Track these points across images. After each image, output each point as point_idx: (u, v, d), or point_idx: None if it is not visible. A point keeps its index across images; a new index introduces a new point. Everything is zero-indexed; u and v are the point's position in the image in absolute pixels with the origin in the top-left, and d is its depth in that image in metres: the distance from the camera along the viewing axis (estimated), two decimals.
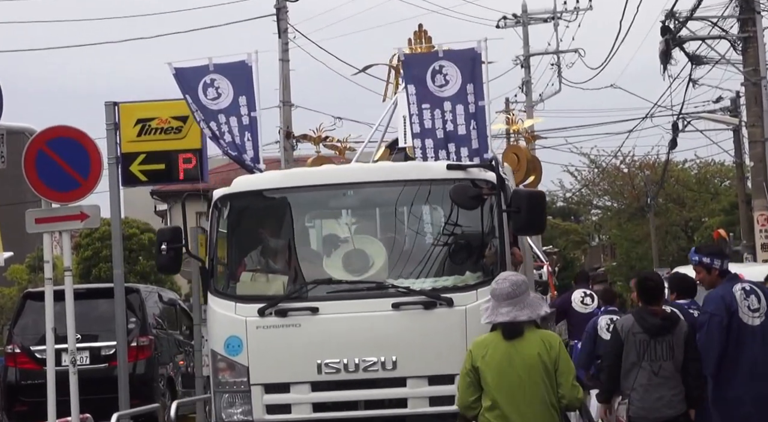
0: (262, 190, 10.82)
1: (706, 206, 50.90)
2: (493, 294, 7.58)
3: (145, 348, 17.16)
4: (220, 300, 10.48)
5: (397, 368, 10.08)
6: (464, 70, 11.69)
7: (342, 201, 10.77)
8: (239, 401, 10.28)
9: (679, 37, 26.13)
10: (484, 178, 10.37)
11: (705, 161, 53.04)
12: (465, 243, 10.47)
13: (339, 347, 10.11)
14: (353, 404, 10.15)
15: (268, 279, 10.71)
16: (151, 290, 19.47)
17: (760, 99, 25.17)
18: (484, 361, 7.46)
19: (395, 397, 10.12)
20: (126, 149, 15.49)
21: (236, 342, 10.26)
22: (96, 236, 34.94)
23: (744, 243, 32.13)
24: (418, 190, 10.55)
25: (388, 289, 10.20)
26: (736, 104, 34.83)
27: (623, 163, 53.31)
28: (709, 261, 9.54)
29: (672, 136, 33.45)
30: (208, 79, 12.26)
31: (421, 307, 10.07)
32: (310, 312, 10.15)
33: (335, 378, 10.11)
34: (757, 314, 9.33)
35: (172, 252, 10.72)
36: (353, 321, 10.13)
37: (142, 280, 32.05)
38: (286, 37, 36.71)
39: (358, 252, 10.51)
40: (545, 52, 45.34)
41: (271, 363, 10.22)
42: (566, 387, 7.40)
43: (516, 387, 7.36)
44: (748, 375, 9.28)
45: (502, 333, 7.47)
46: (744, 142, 32.95)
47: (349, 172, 10.91)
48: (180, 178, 15.75)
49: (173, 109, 15.65)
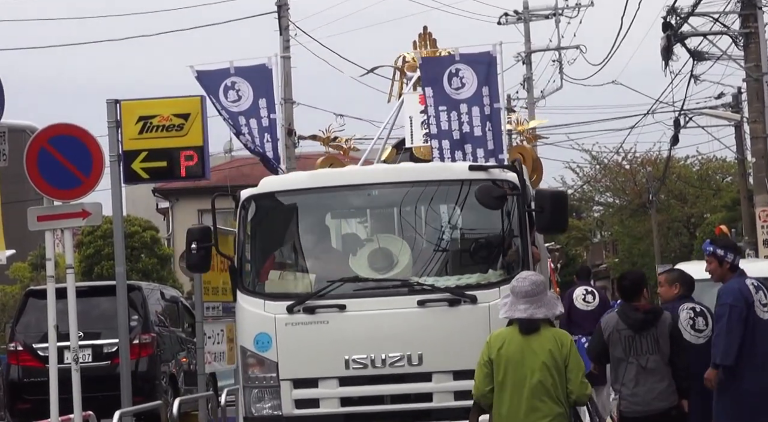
0: (289, 190, 11.05)
1: (708, 202, 50.90)
2: (513, 291, 8.00)
3: (147, 345, 17.17)
4: (249, 297, 10.76)
5: (423, 363, 10.36)
6: (480, 73, 12.05)
7: (367, 201, 11.02)
8: (268, 396, 10.54)
9: (681, 33, 26.13)
10: (506, 178, 10.64)
11: (707, 157, 53.11)
12: (487, 242, 10.81)
13: (366, 343, 10.39)
14: (379, 398, 10.42)
15: (296, 278, 10.96)
16: (153, 288, 19.47)
17: (761, 95, 25.19)
18: (498, 354, 7.89)
19: (421, 392, 10.39)
20: (127, 147, 15.47)
21: (265, 339, 10.55)
22: (98, 234, 34.97)
23: (746, 239, 32.14)
24: (440, 190, 10.82)
25: (414, 287, 10.50)
26: (738, 100, 34.85)
27: (625, 159, 53.34)
28: (723, 254, 9.74)
29: (674, 132, 33.47)
30: (228, 82, 12.62)
31: (445, 304, 10.37)
32: (337, 310, 10.43)
33: (362, 373, 10.40)
34: (766, 309, 9.57)
35: (202, 252, 11.05)
36: (380, 318, 10.41)
37: (144, 278, 32.08)
38: (287, 35, 36.71)
39: (382, 250, 10.76)
40: (547, 48, 45.33)
41: (299, 359, 10.49)
42: (575, 383, 7.78)
43: (526, 380, 7.77)
44: (761, 368, 9.48)
45: (519, 328, 7.90)
46: (746, 138, 32.97)
47: (373, 172, 11.17)
48: (182, 175, 15.73)
49: (175, 106, 15.63)
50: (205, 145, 15.58)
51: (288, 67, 36.91)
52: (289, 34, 36.87)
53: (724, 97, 35.52)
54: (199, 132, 15.46)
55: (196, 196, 49.45)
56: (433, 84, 12.10)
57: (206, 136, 15.54)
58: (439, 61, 12.42)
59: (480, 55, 12.30)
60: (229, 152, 50.88)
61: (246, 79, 12.58)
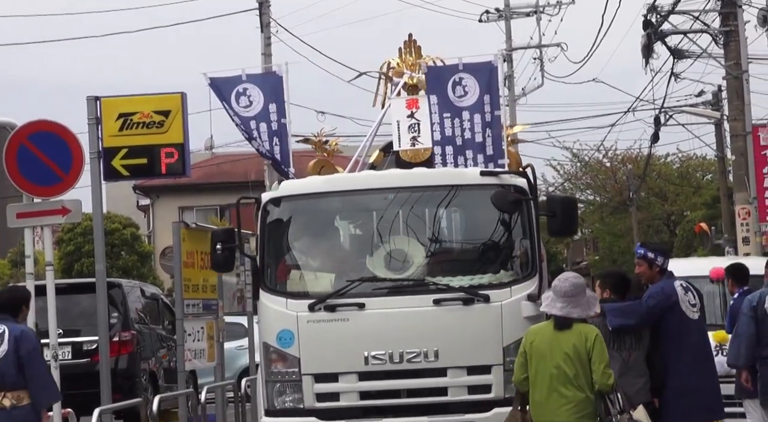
0: (309, 193, 11.52)
1: (688, 200, 51.04)
2: (554, 289, 8.91)
3: (127, 343, 17.14)
4: (272, 296, 11.22)
5: (439, 359, 10.86)
6: (482, 82, 12.65)
7: (383, 204, 11.42)
8: (290, 390, 11.05)
9: (661, 30, 26.19)
10: (516, 183, 11.18)
11: (687, 155, 53.23)
12: (498, 244, 11.35)
13: (384, 340, 10.89)
14: (397, 392, 10.93)
15: (316, 277, 11.43)
16: (134, 285, 19.43)
17: (741, 93, 25.27)
18: (531, 346, 8.89)
19: (436, 386, 10.89)
20: (108, 144, 15.43)
21: (288, 336, 11.02)
22: (78, 231, 34.90)
23: (725, 236, 32.24)
24: (453, 194, 11.34)
25: (429, 286, 11.03)
26: (718, 98, 34.94)
27: (605, 156, 53.44)
28: (653, 257, 10.25)
29: (654, 129, 33.57)
30: (240, 88, 13.10)
31: (460, 303, 10.87)
32: (357, 308, 10.93)
33: (381, 368, 10.88)
34: (695, 309, 10.15)
35: (226, 252, 11.48)
36: (397, 316, 10.92)
37: (124, 275, 32.03)
38: (268, 32, 36.68)
39: (398, 252, 11.23)
40: (528, 46, 45.39)
41: (320, 355, 10.98)
42: (597, 374, 8.61)
43: (554, 372, 8.69)
44: (691, 366, 10.04)
45: (554, 323, 8.84)
46: (726, 135, 33.06)
47: (389, 177, 11.73)
48: (162, 172, 15.69)
49: (155, 103, 15.60)
50: (185, 142, 15.56)
51: (269, 64, 36.89)
52: (270, 31, 36.86)
53: (704, 94, 35.63)
54: (180, 129, 15.44)
55: (176, 193, 49.41)
56: (437, 92, 12.64)
57: (187, 133, 15.51)
58: (443, 69, 12.90)
59: (482, 64, 12.89)
60: (210, 149, 50.82)
61: (257, 85, 13.05)
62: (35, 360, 10.28)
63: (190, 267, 16.55)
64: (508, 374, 10.51)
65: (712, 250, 34.11)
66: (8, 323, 10.29)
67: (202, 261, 17.04)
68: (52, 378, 10.75)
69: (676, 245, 45.76)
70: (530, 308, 10.88)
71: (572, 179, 55.48)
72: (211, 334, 17.11)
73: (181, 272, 16.20)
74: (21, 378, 10.12)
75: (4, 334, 10.20)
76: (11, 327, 10.27)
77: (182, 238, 16.40)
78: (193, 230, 17.09)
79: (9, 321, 10.31)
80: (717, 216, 37.67)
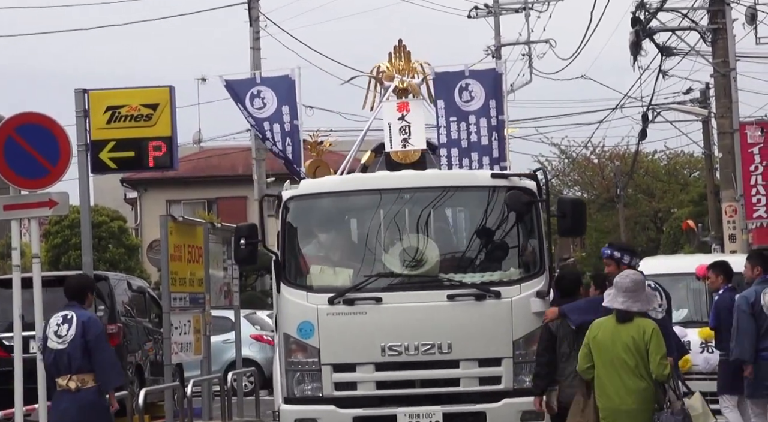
0: (328, 192, 12.16)
1: (675, 197, 51.15)
2: (616, 285, 9.56)
3: (113, 335, 17.09)
4: (292, 289, 11.83)
5: (452, 351, 11.50)
6: (487, 88, 13.32)
7: (398, 203, 12.00)
8: (309, 379, 11.67)
9: (649, 28, 26.21)
10: (525, 185, 11.87)
11: (674, 152, 53.36)
12: (509, 243, 12.01)
13: (400, 332, 11.53)
14: (411, 382, 11.59)
15: (335, 272, 11.99)
16: (120, 278, 19.41)
17: (729, 90, 25.30)
18: (594, 340, 9.53)
19: (449, 377, 11.55)
20: (95, 136, 15.43)
21: (308, 327, 11.63)
22: (65, 223, 34.82)
23: (712, 234, 32.32)
24: (466, 195, 12.12)
25: (443, 282, 11.71)
26: (706, 95, 34.96)
27: (593, 153, 53.56)
28: (620, 256, 10.72)
29: (642, 126, 33.58)
30: (255, 91, 13.60)
31: (472, 299, 11.53)
32: (374, 302, 11.57)
33: (397, 359, 11.52)
34: (660, 309, 10.43)
35: (250, 247, 11.96)
36: (413, 310, 11.56)
37: (111, 268, 31.94)
38: (257, 26, 36.65)
39: (413, 249, 11.84)
40: (516, 42, 45.37)
41: (339, 346, 11.62)
42: (654, 364, 9.30)
43: (615, 360, 9.35)
44: None
45: (616, 317, 9.49)
46: (713, 133, 33.11)
47: (403, 178, 12.26)
48: (150, 165, 15.70)
49: (143, 96, 15.60)
50: (173, 136, 15.55)
51: (258, 58, 36.85)
52: (259, 26, 36.82)
53: (692, 92, 35.65)
54: (168, 122, 15.43)
55: (164, 187, 49.30)
56: (444, 97, 13.31)
57: (175, 126, 15.51)
58: (450, 76, 13.52)
59: (487, 72, 13.66)
60: (198, 143, 50.76)
61: (270, 88, 13.59)
62: (102, 344, 10.87)
63: (177, 261, 16.54)
64: (518, 366, 11.43)
65: (698, 248, 34.19)
66: (76, 309, 10.90)
67: (189, 255, 17.04)
68: (117, 362, 11.27)
69: (663, 242, 45.87)
70: (539, 304, 11.48)
71: (560, 176, 55.58)
72: (198, 328, 17.10)
73: (168, 265, 16.19)
74: (86, 362, 10.66)
75: (72, 320, 10.78)
76: (79, 313, 10.86)
77: (169, 231, 16.40)
78: (181, 223, 17.08)
79: (76, 307, 10.93)
80: (704, 213, 37.74)
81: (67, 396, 10.67)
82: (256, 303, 32.81)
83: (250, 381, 21.96)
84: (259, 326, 25.66)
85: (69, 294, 11.09)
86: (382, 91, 14.23)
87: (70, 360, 10.68)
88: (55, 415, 10.91)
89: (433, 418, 11.50)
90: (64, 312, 10.90)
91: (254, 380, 20.32)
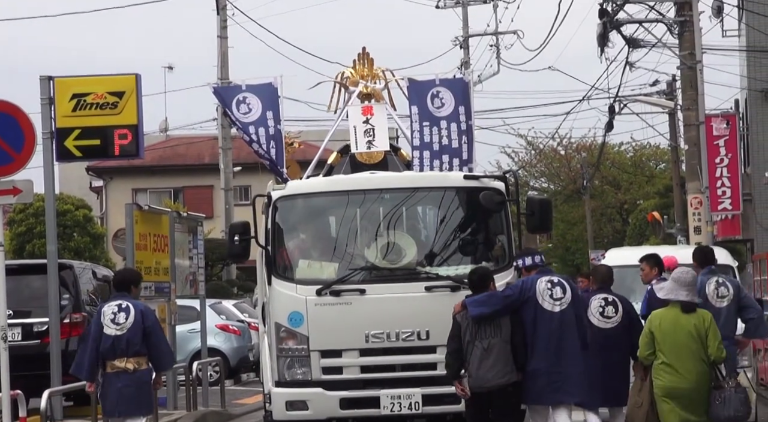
0: (314, 192, 13.26)
1: (641, 189, 51.35)
2: (676, 280, 10.77)
3: (78, 324, 17.01)
4: (283, 282, 12.86)
5: (429, 338, 12.60)
6: (456, 95, 14.27)
7: (379, 203, 13.13)
8: (299, 364, 12.70)
9: (617, 20, 26.24)
10: (495, 186, 13.01)
11: (641, 144, 53.56)
12: (480, 239, 13.31)
13: (382, 321, 12.64)
14: (393, 367, 12.69)
15: (322, 266, 13.01)
16: (85, 267, 19.28)
17: (695, 83, 25.38)
18: (658, 328, 10.69)
19: (427, 362, 12.61)
20: (61, 124, 15.35)
21: (298, 317, 12.68)
22: (30, 212, 34.61)
23: (678, 226, 32.46)
24: (440, 195, 13.20)
25: (421, 275, 12.83)
26: (672, 88, 35.10)
27: (560, 144, 53.69)
28: (515, 263, 11.89)
29: (608, 118, 33.69)
30: (240, 97, 14.30)
31: (448, 290, 12.61)
32: (358, 293, 12.69)
33: (379, 345, 12.66)
34: (558, 303, 11.35)
35: (243, 243, 12.96)
36: (394, 300, 12.66)
37: (76, 257, 31.78)
38: (224, 14, 36.54)
39: (393, 244, 12.94)
40: (484, 33, 45.42)
41: (326, 334, 12.67)
42: (712, 348, 10.62)
43: (679, 346, 10.59)
44: (544, 353, 11.26)
45: (681, 307, 10.68)
46: (679, 125, 33.25)
47: (384, 179, 13.40)
48: (116, 153, 15.64)
49: (109, 84, 15.54)
50: (139, 124, 15.49)
51: (225, 47, 36.74)
52: (226, 14, 36.71)
53: (658, 84, 35.77)
54: (134, 110, 15.38)
55: (130, 175, 49.12)
56: (418, 103, 14.21)
57: (141, 114, 15.45)
58: (422, 85, 14.47)
59: (456, 80, 14.67)
60: (165, 131, 50.59)
61: (255, 94, 14.31)
62: (158, 331, 12.18)
63: (142, 250, 16.48)
64: None
65: (664, 239, 34.34)
66: (128, 299, 11.99)
67: (155, 244, 16.98)
68: (169, 347, 12.41)
69: (629, 234, 46.02)
70: None
71: (527, 167, 55.67)
72: (163, 317, 17.04)
73: (134, 254, 16.13)
74: (143, 347, 11.88)
75: (128, 309, 11.89)
76: (134, 302, 12.01)
77: (135, 220, 16.33)
78: (146, 212, 17.02)
79: (127, 297, 12.01)
80: (669, 205, 37.90)
81: (125, 377, 11.86)
82: (222, 292, 32.75)
83: (215, 371, 21.90)
84: (224, 316, 25.61)
85: (116, 286, 12.24)
86: (347, 95, 15.14)
87: (128, 344, 11.83)
88: (113, 393, 11.97)
89: (412, 399, 12.57)
90: (117, 302, 11.96)
91: (219, 370, 20.25)
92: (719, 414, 10.62)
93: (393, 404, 12.57)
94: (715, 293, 12.14)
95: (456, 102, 14.23)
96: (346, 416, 12.82)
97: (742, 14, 30.74)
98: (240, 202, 43.04)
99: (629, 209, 51.83)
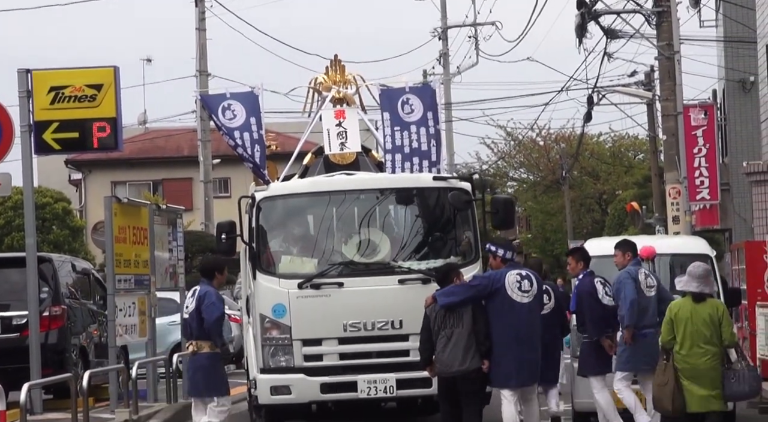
0: (295, 193, 14.30)
1: (620, 179, 51.44)
2: (690, 274, 11.84)
3: (57, 317, 17.02)
4: (266, 276, 13.86)
5: (402, 327, 13.63)
6: (425, 102, 15.20)
7: (356, 203, 14.22)
8: (282, 352, 13.67)
9: (595, 10, 26.24)
10: (462, 187, 14.13)
11: (619, 134, 53.62)
12: (449, 235, 14.34)
13: (359, 311, 13.66)
14: (369, 354, 13.72)
15: (303, 261, 14.05)
16: (64, 260, 19.27)
17: (673, 73, 25.43)
18: (676, 316, 11.82)
19: (400, 349, 13.67)
20: (39, 117, 15.35)
21: (281, 308, 13.67)
22: (9, 205, 34.57)
23: (656, 216, 32.52)
24: (412, 194, 14.38)
25: (395, 269, 13.92)
26: (650, 78, 35.12)
27: (539, 135, 53.73)
28: (494, 249, 12.40)
29: (587, 109, 33.72)
30: (225, 104, 15.04)
31: (419, 282, 13.69)
32: (337, 286, 13.72)
33: (356, 334, 13.69)
34: (527, 295, 12.22)
35: (230, 241, 13.84)
36: (369, 293, 13.71)
37: (55, 249, 31.74)
38: (203, 6, 36.51)
39: (368, 241, 14.05)
40: (463, 24, 45.45)
41: (308, 324, 13.66)
42: (726, 334, 11.81)
43: (695, 333, 11.73)
44: (513, 341, 12.09)
45: (692, 298, 11.83)
46: (657, 115, 33.30)
47: (359, 181, 14.45)
48: (94, 146, 15.67)
49: (88, 76, 15.54)
50: (118, 117, 15.51)
51: (203, 39, 36.72)
52: (204, 6, 36.66)
53: (636, 75, 35.77)
54: (112, 103, 15.39)
55: (109, 168, 49.03)
56: (389, 109, 15.10)
57: (119, 107, 15.47)
58: (393, 92, 15.41)
59: (424, 88, 16.00)
60: (144, 124, 50.47)
61: (239, 101, 15.01)
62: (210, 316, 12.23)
63: (121, 243, 16.48)
64: None
65: (643, 229, 34.40)
66: (202, 285, 12.45)
67: (134, 237, 16.98)
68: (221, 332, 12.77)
69: (608, 224, 46.13)
70: None
71: (506, 157, 55.75)
72: (143, 309, 17.06)
73: (113, 247, 16.14)
74: (202, 331, 12.28)
75: (194, 294, 12.41)
76: (201, 288, 12.42)
77: (114, 213, 16.33)
78: (126, 205, 17.02)
79: (205, 283, 12.46)
80: (648, 195, 37.98)
81: (190, 359, 12.50)
82: None
83: None
84: None
85: (201, 272, 12.80)
86: (320, 100, 15.92)
87: (190, 328, 12.44)
88: (187, 374, 12.88)
89: (387, 383, 13.62)
90: (195, 288, 12.56)
91: None
92: (736, 390, 11.74)
93: (369, 388, 13.60)
94: (645, 283, 12.91)
95: (425, 108, 15.12)
96: (326, 399, 13.90)
97: (720, 5, 30.80)
98: (219, 194, 43.06)
99: (608, 199, 51.94)
